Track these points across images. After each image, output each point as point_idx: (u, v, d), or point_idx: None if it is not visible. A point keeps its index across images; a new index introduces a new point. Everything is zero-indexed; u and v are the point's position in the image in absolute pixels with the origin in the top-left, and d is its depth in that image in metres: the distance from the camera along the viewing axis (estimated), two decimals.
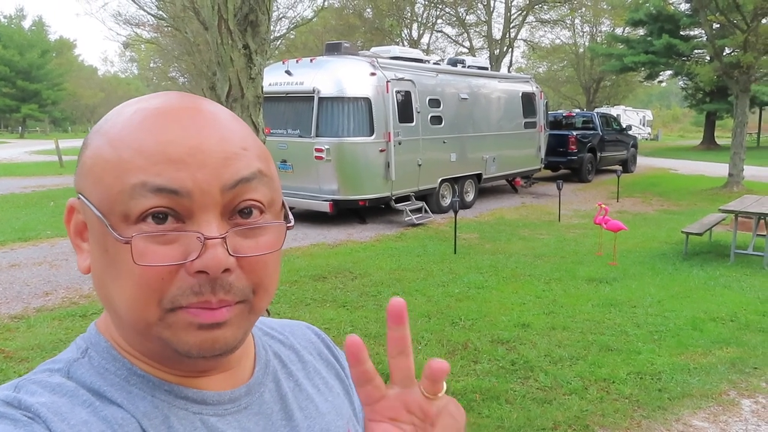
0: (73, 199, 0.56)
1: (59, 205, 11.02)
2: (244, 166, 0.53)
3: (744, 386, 3.79)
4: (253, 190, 0.53)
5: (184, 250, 0.50)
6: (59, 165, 19.19)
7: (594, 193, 14.12)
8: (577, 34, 34.80)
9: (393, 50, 11.24)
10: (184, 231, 0.50)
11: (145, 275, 0.50)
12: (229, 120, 0.55)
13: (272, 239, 0.55)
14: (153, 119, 0.52)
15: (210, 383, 0.59)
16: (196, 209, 0.51)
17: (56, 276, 6.33)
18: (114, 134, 0.52)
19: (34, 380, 0.53)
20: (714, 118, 31.41)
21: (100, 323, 0.59)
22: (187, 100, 0.55)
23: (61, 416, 0.49)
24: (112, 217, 0.50)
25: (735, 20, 13.22)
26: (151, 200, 0.49)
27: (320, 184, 9.27)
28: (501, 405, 3.48)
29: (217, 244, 0.50)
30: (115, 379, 0.55)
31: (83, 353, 0.57)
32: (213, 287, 0.51)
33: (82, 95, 53.98)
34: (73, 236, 0.57)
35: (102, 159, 0.52)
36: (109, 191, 0.51)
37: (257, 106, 3.27)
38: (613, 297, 5.58)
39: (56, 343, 4.33)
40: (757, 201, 7.43)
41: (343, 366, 0.75)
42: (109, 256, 0.51)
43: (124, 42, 24.37)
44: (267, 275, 0.55)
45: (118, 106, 0.56)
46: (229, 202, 0.52)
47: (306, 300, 5.49)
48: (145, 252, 0.49)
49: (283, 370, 0.68)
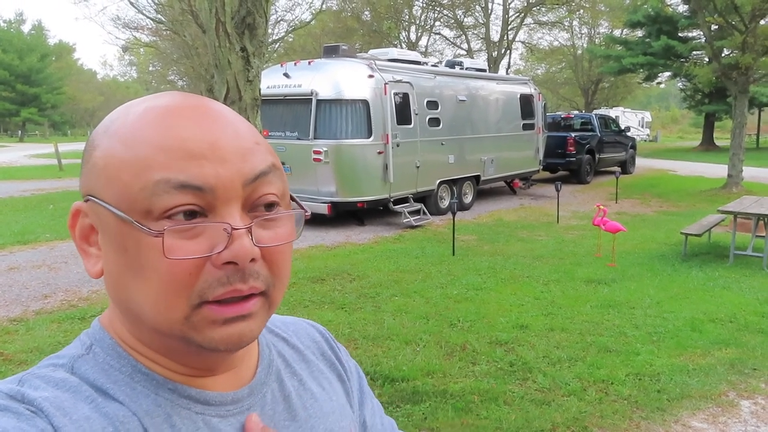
0: (79, 203, 0.56)
1: (58, 208, 11.02)
2: (260, 161, 0.54)
3: (743, 387, 3.78)
4: (270, 184, 0.55)
5: (209, 243, 0.51)
6: (58, 168, 19.20)
7: (593, 194, 14.12)
8: (576, 36, 34.91)
9: (391, 52, 11.25)
10: (211, 222, 0.51)
11: (172, 270, 0.50)
12: (235, 117, 0.57)
13: (288, 230, 0.56)
14: (165, 116, 0.52)
15: (213, 383, 0.59)
16: (219, 204, 0.51)
17: (55, 279, 6.33)
18: (126, 133, 0.52)
19: (37, 375, 0.53)
20: (713, 119, 31.45)
21: (104, 319, 0.59)
22: (194, 99, 0.56)
23: (64, 411, 0.50)
24: (133, 215, 0.50)
25: (733, 21, 13.24)
26: (175, 197, 0.50)
27: (318, 186, 9.27)
28: (499, 406, 3.47)
29: (243, 234, 0.51)
30: (119, 376, 0.55)
31: (87, 349, 0.57)
32: (243, 276, 0.52)
33: (82, 99, 54.02)
34: (79, 241, 0.56)
35: (116, 158, 0.52)
36: (128, 189, 0.50)
37: (255, 108, 3.27)
38: (611, 298, 5.58)
39: (55, 346, 4.32)
40: (756, 202, 7.44)
41: (345, 367, 0.75)
42: (130, 256, 0.51)
43: (123, 46, 24.40)
44: (285, 266, 0.56)
45: (123, 108, 0.56)
46: (249, 196, 0.53)
47: (304, 302, 5.49)
48: (172, 247, 0.50)
49: (286, 369, 0.67)
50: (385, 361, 4.07)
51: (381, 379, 3.77)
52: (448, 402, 3.51)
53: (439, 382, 3.78)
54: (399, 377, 3.82)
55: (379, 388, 3.66)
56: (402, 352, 4.26)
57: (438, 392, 3.63)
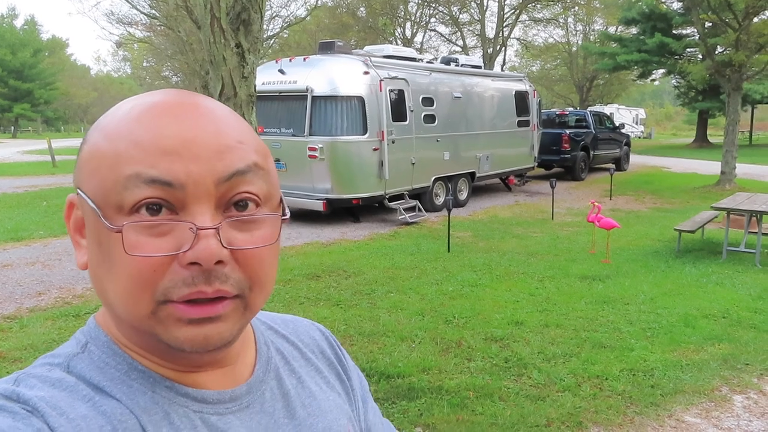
0: (72, 195, 0.56)
1: (52, 205, 10.97)
2: (239, 159, 0.53)
3: (736, 382, 3.81)
4: (249, 183, 0.53)
5: (176, 242, 0.50)
6: (52, 165, 19.10)
7: (587, 191, 14.17)
8: (570, 33, 34.98)
9: (386, 49, 11.22)
10: (176, 221, 0.51)
11: (137, 266, 0.50)
12: (226, 115, 0.56)
13: (268, 233, 0.55)
14: (149, 113, 0.53)
15: (210, 381, 0.58)
16: (189, 201, 0.51)
17: (49, 276, 6.31)
18: (111, 128, 0.53)
19: (33, 374, 0.53)
20: (706, 116, 31.58)
21: (99, 317, 0.59)
22: (185, 96, 0.55)
23: (60, 410, 0.49)
24: (106, 209, 0.51)
25: (727, 19, 13.27)
26: (144, 191, 0.50)
27: (314, 183, 9.26)
28: (495, 402, 3.49)
29: (210, 234, 0.50)
30: (115, 374, 0.55)
31: (83, 348, 0.57)
32: (207, 278, 0.51)
33: (75, 95, 53.68)
34: (73, 232, 0.57)
35: (98, 152, 0.52)
36: (104, 183, 0.51)
37: (250, 104, 3.27)
38: (606, 294, 5.60)
39: (49, 343, 4.31)
40: (748, 198, 7.48)
41: (345, 367, 0.75)
42: (104, 249, 0.52)
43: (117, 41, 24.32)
44: (263, 270, 0.54)
45: (118, 104, 0.57)
46: (223, 195, 0.52)
47: (300, 299, 5.49)
48: (136, 243, 0.50)
49: (285, 366, 0.67)
50: (380, 358, 4.08)
51: (377, 376, 3.78)
52: (443, 398, 3.53)
53: (434, 379, 3.79)
54: (394, 374, 3.83)
55: (374, 385, 3.67)
56: (397, 348, 4.27)
57: (433, 388, 3.64)
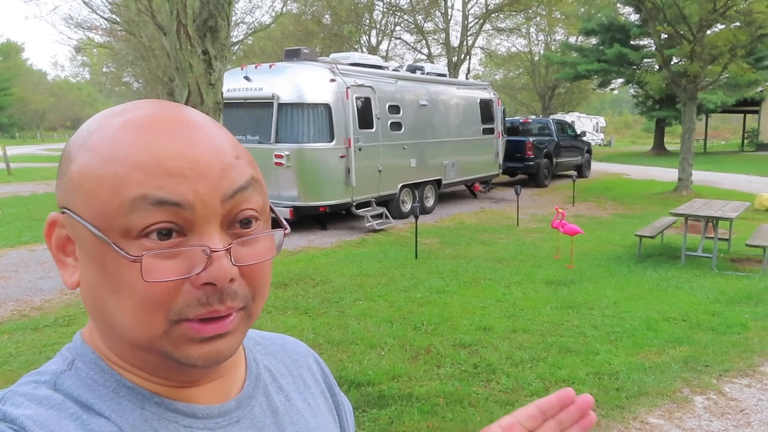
0: (55, 214, 0.55)
1: (7, 214, 10.61)
2: (239, 175, 0.54)
3: (696, 383, 3.92)
4: (249, 199, 0.54)
5: (188, 264, 0.50)
6: (6, 173, 18.49)
7: (551, 197, 14.42)
8: (533, 43, 35.64)
9: (352, 56, 11.25)
10: (190, 246, 0.51)
11: (150, 291, 0.49)
12: (216, 129, 0.55)
13: (268, 246, 0.56)
14: (144, 132, 0.51)
15: (200, 396, 0.58)
16: (197, 221, 0.51)
17: (5, 288, 6.09)
18: (104, 149, 0.51)
19: (19, 392, 0.52)
20: (663, 124, 32.49)
21: (86, 333, 0.58)
22: (174, 110, 0.55)
23: (47, 429, 0.48)
24: (111, 234, 0.49)
25: (682, 31, 13.73)
26: (153, 214, 0.49)
27: (280, 190, 9.19)
28: (464, 408, 3.51)
29: (222, 255, 0.51)
30: (103, 391, 0.54)
31: (70, 365, 0.55)
32: (221, 297, 0.51)
33: (31, 100, 52.24)
34: (56, 251, 0.55)
35: (94, 175, 0.51)
36: (105, 207, 0.50)
37: (217, 112, 3.23)
38: (571, 299, 5.70)
39: (6, 357, 4.16)
40: (705, 204, 7.73)
41: (329, 384, 0.76)
42: (108, 273, 0.50)
43: (76, 46, 23.75)
44: (265, 281, 0.56)
45: (100, 117, 0.55)
46: (228, 212, 0.53)
47: (267, 307, 5.42)
48: (150, 268, 0.49)
49: (273, 383, 0.67)
50: (350, 366, 4.06)
51: (347, 384, 3.76)
52: (413, 405, 3.53)
53: (404, 386, 3.79)
54: (364, 382, 3.82)
55: (344, 393, 3.65)
56: (367, 356, 4.26)
57: (403, 396, 3.64)
